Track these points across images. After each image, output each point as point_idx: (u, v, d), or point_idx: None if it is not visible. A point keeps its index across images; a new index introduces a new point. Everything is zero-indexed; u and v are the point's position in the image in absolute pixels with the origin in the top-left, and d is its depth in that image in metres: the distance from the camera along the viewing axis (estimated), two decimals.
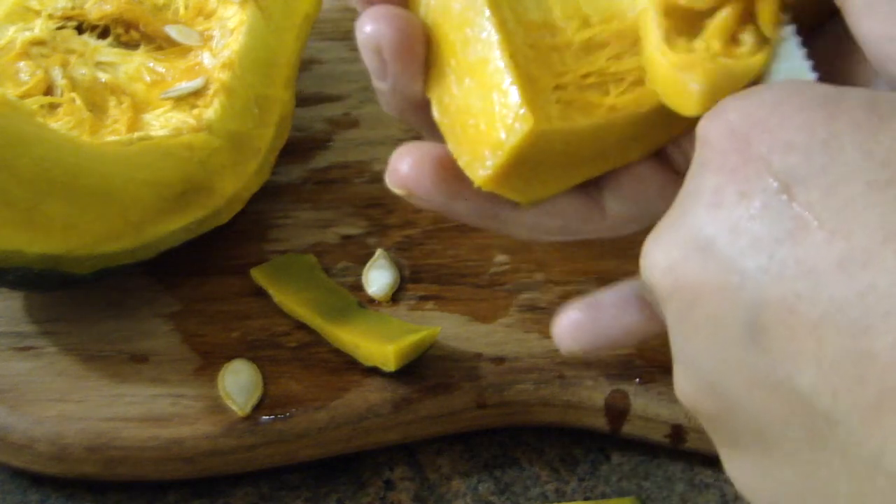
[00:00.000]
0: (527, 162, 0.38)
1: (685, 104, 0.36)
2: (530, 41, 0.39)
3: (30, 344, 0.53)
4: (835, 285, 0.27)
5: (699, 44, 0.37)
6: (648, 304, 0.39)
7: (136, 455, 0.50)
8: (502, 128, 0.38)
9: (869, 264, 0.26)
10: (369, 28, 0.37)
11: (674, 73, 0.36)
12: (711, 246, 0.29)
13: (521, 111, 0.37)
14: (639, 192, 0.40)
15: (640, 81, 0.39)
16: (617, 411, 0.51)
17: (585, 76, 0.40)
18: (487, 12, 0.39)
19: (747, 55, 0.36)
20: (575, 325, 0.40)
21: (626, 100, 0.39)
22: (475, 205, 0.40)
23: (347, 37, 0.66)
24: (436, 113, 0.40)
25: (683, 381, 0.32)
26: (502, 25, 0.39)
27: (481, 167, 0.38)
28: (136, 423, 0.50)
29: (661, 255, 0.31)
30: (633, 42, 0.40)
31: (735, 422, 0.30)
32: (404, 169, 0.38)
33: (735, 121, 0.30)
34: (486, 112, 0.38)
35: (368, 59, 0.38)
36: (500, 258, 0.56)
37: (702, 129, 0.31)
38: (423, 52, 0.38)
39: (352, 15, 0.67)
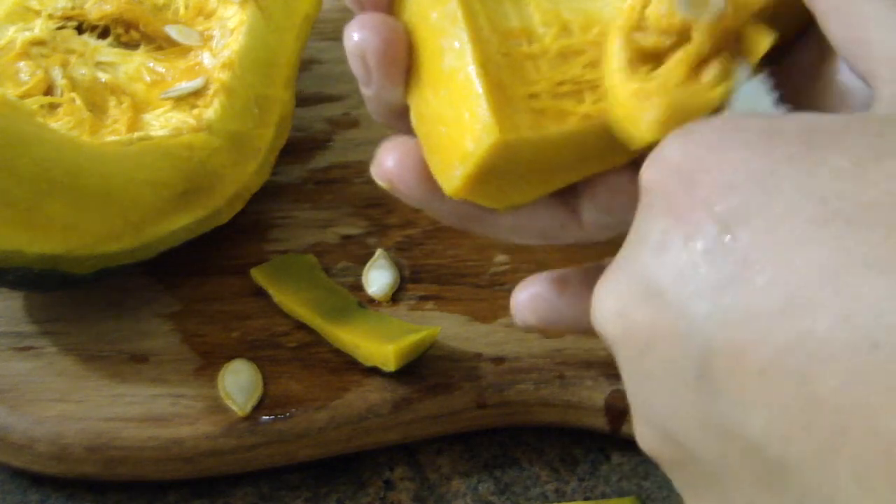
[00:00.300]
0: (496, 171, 0.38)
1: (636, 132, 0.36)
2: (505, 49, 0.39)
3: (30, 344, 0.53)
4: (777, 331, 0.26)
5: (661, 72, 0.37)
6: None
7: (136, 455, 0.50)
8: (470, 138, 0.38)
9: (809, 308, 0.26)
10: (356, 36, 0.38)
11: (631, 100, 0.36)
12: (659, 292, 0.29)
13: (488, 121, 0.37)
14: (614, 201, 0.40)
15: None
16: (617, 411, 0.51)
17: (560, 84, 0.39)
18: (461, 22, 0.39)
19: (707, 88, 0.36)
20: (535, 297, 0.40)
21: (601, 107, 0.39)
22: (455, 206, 0.40)
23: None
24: (413, 119, 0.40)
25: (641, 427, 0.31)
26: (476, 34, 0.39)
27: (450, 176, 0.38)
28: (136, 423, 0.50)
29: (610, 301, 0.30)
30: None
31: (692, 469, 0.30)
32: (389, 163, 0.39)
33: (678, 162, 0.30)
34: (456, 121, 0.38)
35: (354, 65, 0.39)
36: (500, 258, 0.56)
37: (645, 172, 0.31)
38: (405, 61, 0.39)
39: (351, 15, 0.67)
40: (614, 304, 0.30)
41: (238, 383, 0.51)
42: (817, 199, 0.27)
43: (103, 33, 0.57)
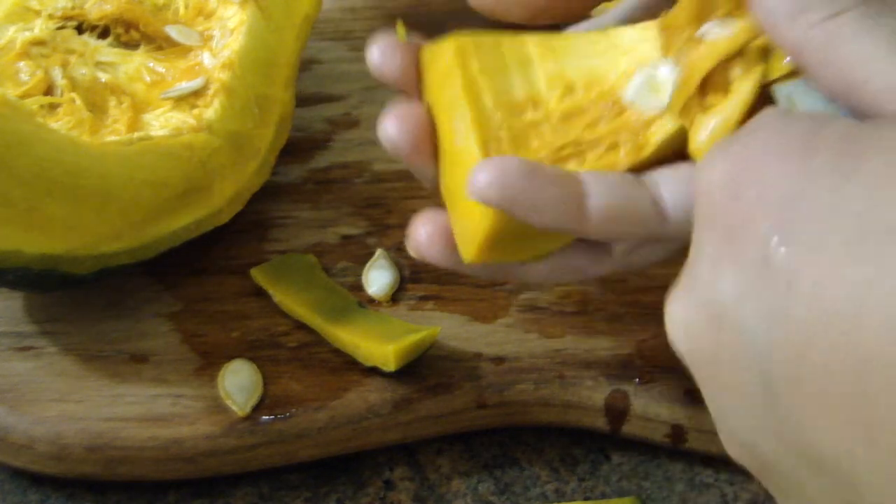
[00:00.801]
0: (506, 238, 0.40)
1: None
2: (508, 123, 0.41)
3: (30, 344, 0.53)
4: (827, 348, 0.27)
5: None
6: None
7: (136, 455, 0.50)
8: (478, 212, 0.40)
9: (856, 323, 0.27)
10: (389, 130, 0.42)
11: (699, 148, 0.38)
12: (718, 309, 0.30)
13: None
14: None
15: (615, 146, 0.41)
16: (617, 411, 0.51)
17: (561, 148, 0.41)
18: (464, 103, 0.41)
19: (737, 88, 0.37)
20: (505, 176, 0.40)
21: (600, 165, 0.41)
22: (487, 267, 0.43)
23: (347, 37, 0.66)
24: (441, 189, 0.43)
25: (725, 438, 0.32)
26: (478, 114, 0.41)
27: (466, 245, 0.41)
28: (136, 423, 0.50)
29: (678, 319, 0.31)
30: (611, 105, 0.42)
31: (776, 477, 0.30)
32: (420, 238, 0.43)
33: (724, 172, 0.31)
34: (462, 197, 0.40)
35: (389, 149, 0.43)
36: None
37: (696, 180, 0.32)
38: (430, 148, 0.43)
39: (352, 15, 0.68)
40: (681, 321, 0.31)
41: (238, 383, 0.51)
42: (853, 215, 0.27)
43: (103, 33, 0.57)
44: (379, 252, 0.56)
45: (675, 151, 0.41)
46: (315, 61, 0.65)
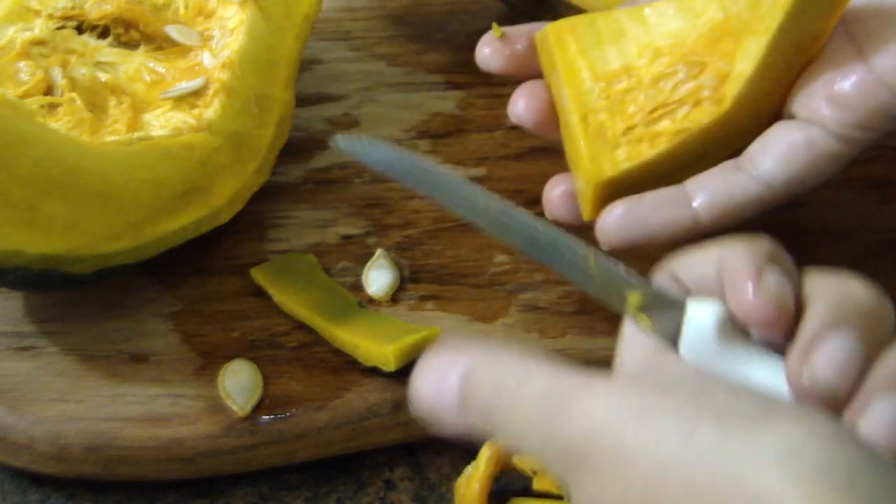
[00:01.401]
0: (611, 195, 0.47)
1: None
2: (607, 93, 0.48)
3: (30, 344, 0.53)
4: None
5: None
6: (689, 206, 0.46)
7: (136, 455, 0.50)
8: (581, 179, 0.48)
9: None
10: (516, 107, 0.50)
11: None
12: None
13: (588, 168, 0.47)
14: None
15: (699, 101, 0.47)
16: None
17: (654, 110, 0.47)
18: (563, 83, 0.48)
19: None
20: (618, 217, 0.47)
21: (688, 121, 0.47)
22: None
23: (347, 37, 0.66)
24: (566, 155, 0.50)
25: None
26: (576, 91, 0.48)
27: (584, 206, 0.48)
28: (136, 423, 0.50)
29: None
30: (693, 65, 0.47)
31: None
32: (552, 200, 0.50)
33: None
34: (576, 163, 0.48)
35: (517, 124, 0.51)
36: (500, 258, 0.56)
37: None
38: (553, 121, 0.50)
39: (351, 15, 0.67)
40: None
41: (238, 383, 0.51)
42: None
43: (103, 33, 0.57)
44: (379, 252, 0.56)
45: (756, 105, 0.46)
46: (315, 61, 0.65)
